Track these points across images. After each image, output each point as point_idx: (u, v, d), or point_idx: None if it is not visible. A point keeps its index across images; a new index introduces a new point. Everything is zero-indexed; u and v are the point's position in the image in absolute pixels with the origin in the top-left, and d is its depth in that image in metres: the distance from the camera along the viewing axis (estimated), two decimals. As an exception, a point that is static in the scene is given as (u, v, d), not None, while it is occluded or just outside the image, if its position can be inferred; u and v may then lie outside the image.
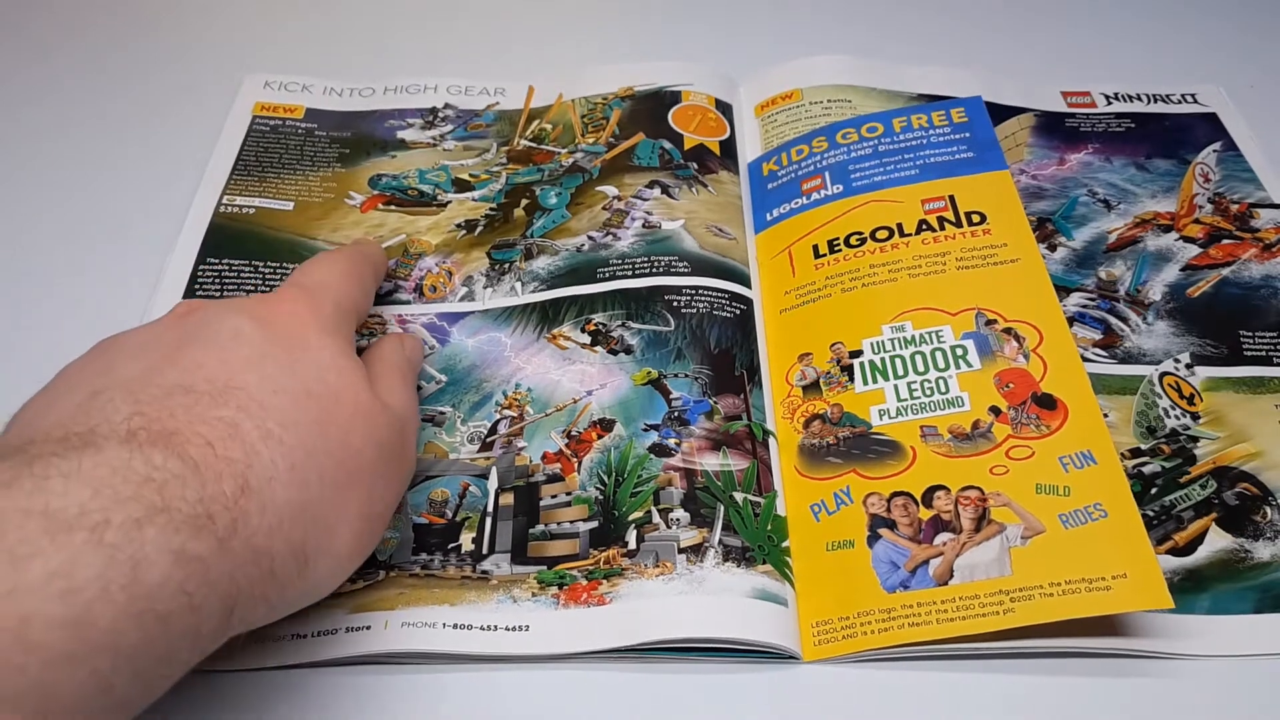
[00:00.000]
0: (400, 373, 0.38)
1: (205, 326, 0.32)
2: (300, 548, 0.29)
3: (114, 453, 0.26)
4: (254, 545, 0.27)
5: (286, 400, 0.30)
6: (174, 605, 0.25)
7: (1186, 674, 0.37)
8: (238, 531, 0.27)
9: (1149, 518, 0.41)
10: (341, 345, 0.34)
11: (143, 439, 0.27)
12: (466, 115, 0.59)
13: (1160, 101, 0.61)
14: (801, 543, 0.40)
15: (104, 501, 0.24)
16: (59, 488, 0.24)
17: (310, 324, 0.34)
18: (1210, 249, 0.52)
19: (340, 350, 0.34)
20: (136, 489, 0.25)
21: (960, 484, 0.40)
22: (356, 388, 0.33)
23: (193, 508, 0.26)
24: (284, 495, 0.29)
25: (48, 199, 0.55)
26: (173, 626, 0.25)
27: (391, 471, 0.34)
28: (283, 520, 0.28)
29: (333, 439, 0.31)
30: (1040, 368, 0.43)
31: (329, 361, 0.33)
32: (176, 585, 0.25)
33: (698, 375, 0.45)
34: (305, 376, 0.32)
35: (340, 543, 0.31)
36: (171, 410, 0.28)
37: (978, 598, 0.37)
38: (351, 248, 0.44)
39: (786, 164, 0.55)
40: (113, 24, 0.67)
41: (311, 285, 0.37)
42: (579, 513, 0.41)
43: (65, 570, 0.23)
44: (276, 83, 0.61)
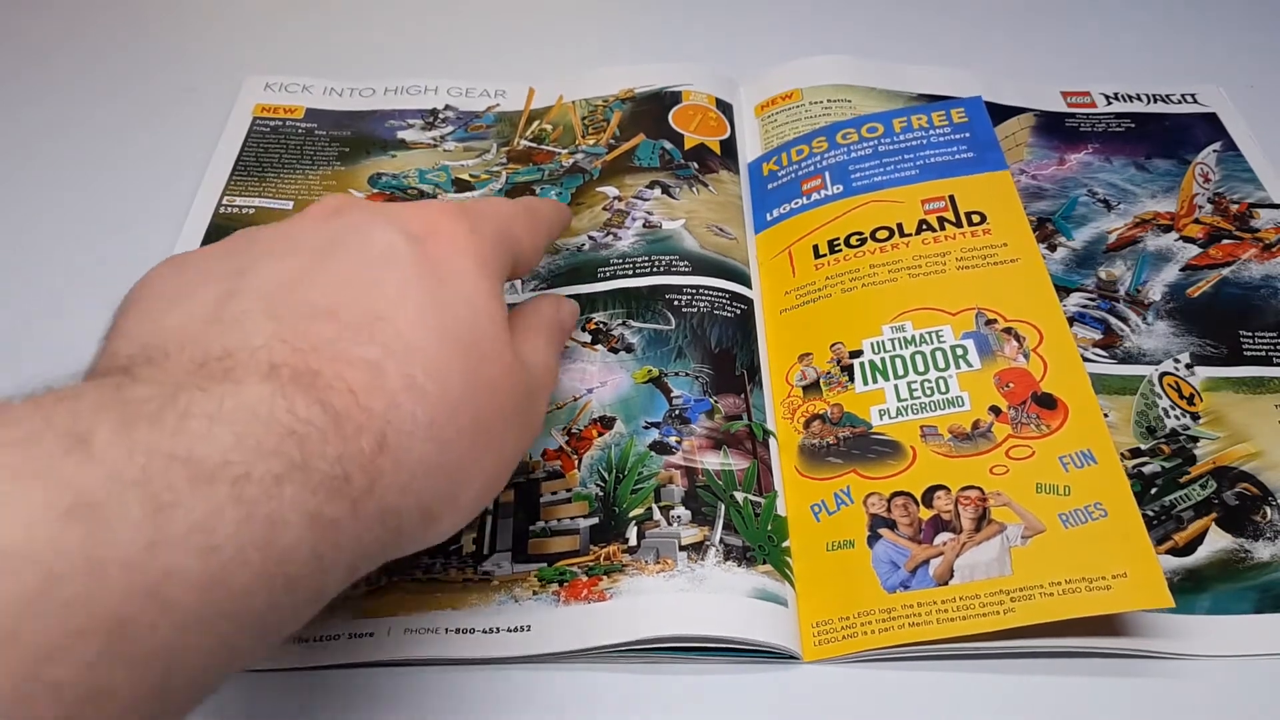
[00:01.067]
0: (549, 333, 0.36)
1: (355, 233, 0.29)
2: (429, 505, 0.27)
3: (255, 392, 0.23)
4: (385, 504, 0.25)
5: (434, 342, 0.27)
6: (305, 570, 0.23)
7: (1186, 674, 0.37)
8: (373, 492, 0.25)
9: (1149, 518, 0.41)
10: (495, 288, 0.31)
11: (285, 377, 0.24)
12: (467, 116, 0.59)
13: (1160, 101, 0.61)
14: (802, 543, 0.40)
15: (246, 453, 0.22)
16: (202, 429, 0.22)
17: (469, 254, 0.30)
18: (1210, 249, 0.52)
19: (494, 292, 0.30)
20: (279, 441, 0.23)
21: (960, 484, 0.40)
22: (502, 340, 0.30)
23: (331, 466, 0.24)
24: (420, 451, 0.26)
25: (48, 199, 0.55)
26: (299, 590, 0.23)
27: (523, 431, 0.32)
28: (415, 477, 0.26)
29: (478, 394, 0.28)
30: (1040, 367, 0.43)
31: (483, 305, 0.29)
32: (310, 549, 0.23)
33: (698, 374, 0.45)
34: (456, 316, 0.28)
35: (465, 499, 0.29)
36: (314, 342, 0.25)
37: (978, 597, 0.37)
38: (529, 199, 0.39)
39: (786, 164, 0.55)
40: (114, 26, 0.67)
41: (476, 211, 0.33)
42: (579, 509, 0.41)
43: (207, 525, 0.21)
44: (277, 84, 0.61)
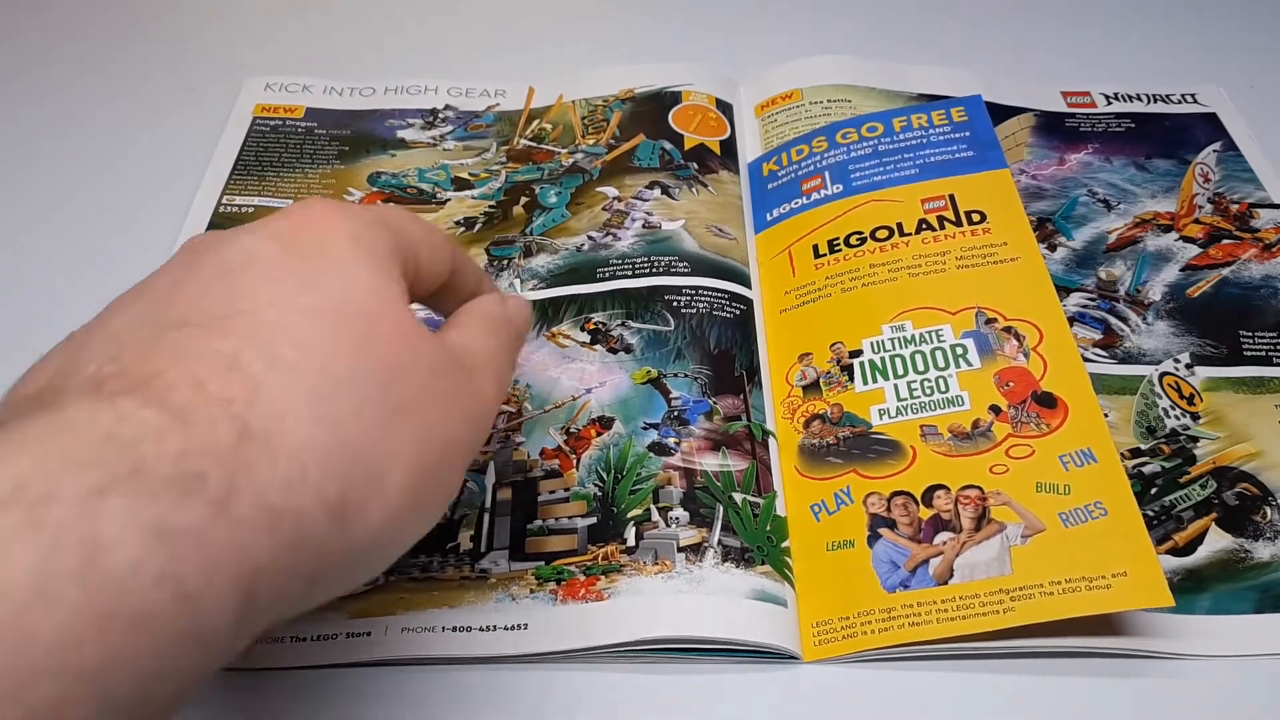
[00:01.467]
0: (485, 322, 0.32)
1: (210, 254, 0.26)
2: (338, 501, 0.23)
3: (75, 409, 0.20)
4: (267, 504, 0.21)
5: (304, 318, 0.24)
6: (156, 597, 0.19)
7: (1186, 674, 0.37)
8: (240, 490, 0.21)
9: (1149, 518, 0.41)
10: (378, 264, 0.28)
11: (112, 388, 0.21)
12: (466, 116, 0.59)
13: (1160, 101, 0.61)
14: (802, 543, 0.40)
15: (49, 469, 0.19)
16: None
17: (341, 231, 0.27)
18: (1210, 249, 0.52)
19: (377, 268, 0.27)
20: (97, 450, 0.19)
21: (960, 483, 0.40)
22: (399, 314, 0.27)
23: (174, 466, 0.20)
24: (304, 435, 0.22)
25: (49, 199, 0.55)
26: (160, 627, 0.19)
27: (452, 403, 0.27)
28: (306, 469, 0.22)
29: (376, 368, 0.25)
30: (1040, 366, 0.43)
31: (364, 277, 0.26)
32: (157, 570, 0.19)
33: (697, 375, 0.45)
34: (331, 289, 0.25)
35: (391, 485, 0.24)
36: (153, 352, 0.22)
37: (978, 597, 0.37)
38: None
39: (786, 164, 0.55)
40: (114, 26, 0.67)
41: (354, 206, 0.30)
42: (577, 509, 0.41)
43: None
44: (277, 84, 0.61)
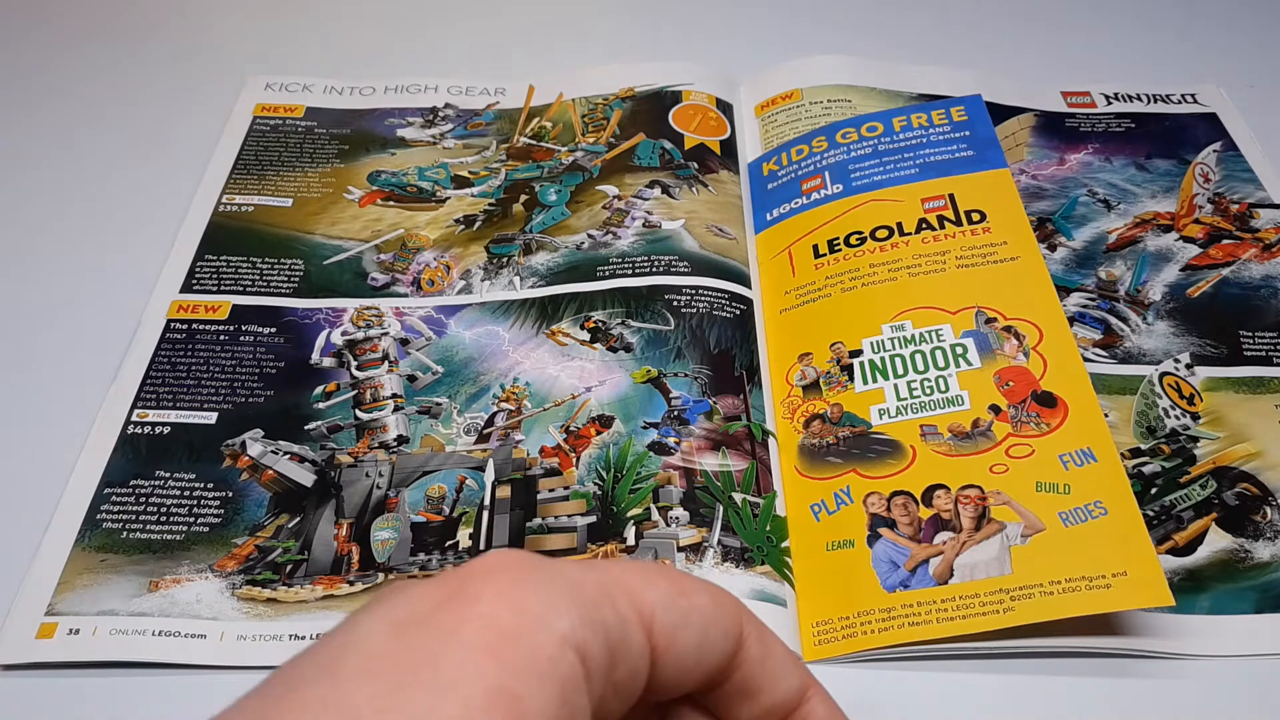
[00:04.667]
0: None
1: (339, 631, 0.21)
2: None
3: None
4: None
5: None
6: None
7: (1186, 674, 0.37)
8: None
9: (1149, 518, 0.41)
10: (523, 692, 0.19)
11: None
12: (466, 115, 0.59)
13: (1160, 101, 0.61)
14: (801, 542, 0.40)
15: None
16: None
17: (483, 638, 0.19)
18: (1210, 249, 0.52)
19: (510, 702, 0.19)
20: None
21: (960, 483, 0.40)
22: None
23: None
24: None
25: (50, 198, 0.55)
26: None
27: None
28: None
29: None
30: (1040, 365, 0.43)
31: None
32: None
33: (697, 375, 0.45)
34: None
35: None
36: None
37: (978, 596, 0.37)
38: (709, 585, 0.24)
39: (786, 164, 0.55)
40: (116, 27, 0.66)
41: (562, 572, 0.21)
42: (577, 507, 0.41)
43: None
44: (277, 84, 0.61)
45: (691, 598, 0.22)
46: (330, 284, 0.50)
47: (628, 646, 0.21)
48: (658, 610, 0.22)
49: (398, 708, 0.18)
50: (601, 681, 0.20)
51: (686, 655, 0.22)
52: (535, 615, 0.20)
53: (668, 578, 0.22)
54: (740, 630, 0.23)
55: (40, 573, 0.38)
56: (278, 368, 0.46)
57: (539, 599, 0.20)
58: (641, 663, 0.21)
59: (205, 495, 0.41)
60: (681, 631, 0.22)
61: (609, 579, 0.21)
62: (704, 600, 0.23)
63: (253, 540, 0.40)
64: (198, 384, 0.45)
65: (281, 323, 0.48)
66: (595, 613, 0.20)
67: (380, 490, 0.41)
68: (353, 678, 0.19)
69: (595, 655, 0.20)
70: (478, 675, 0.19)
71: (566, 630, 0.20)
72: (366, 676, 0.19)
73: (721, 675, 0.23)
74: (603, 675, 0.20)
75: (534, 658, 0.19)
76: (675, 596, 0.22)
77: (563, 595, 0.20)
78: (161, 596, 0.38)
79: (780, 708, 0.24)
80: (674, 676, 0.22)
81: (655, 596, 0.22)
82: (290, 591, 0.38)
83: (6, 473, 0.42)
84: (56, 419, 0.44)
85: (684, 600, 0.22)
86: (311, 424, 0.44)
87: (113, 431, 0.43)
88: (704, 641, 0.22)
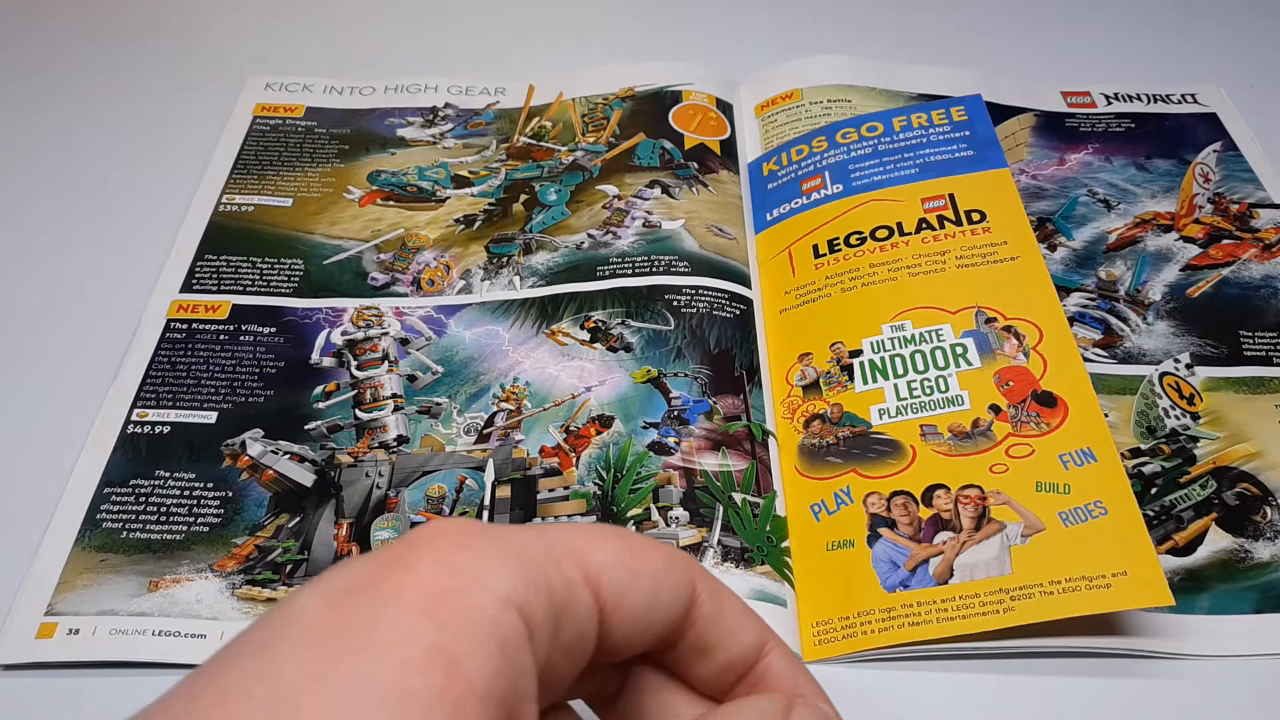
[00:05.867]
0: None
1: (278, 607, 0.20)
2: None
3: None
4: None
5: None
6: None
7: (1186, 674, 0.37)
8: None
9: (1149, 518, 0.41)
10: (459, 658, 0.18)
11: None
12: (466, 114, 0.59)
13: (1160, 101, 0.61)
14: (801, 543, 0.40)
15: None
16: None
17: (420, 601, 0.19)
18: (1210, 249, 0.52)
19: (448, 662, 0.18)
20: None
21: (960, 483, 0.40)
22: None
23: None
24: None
25: (51, 197, 0.55)
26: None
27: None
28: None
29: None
30: (1040, 365, 0.43)
31: (395, 685, 0.18)
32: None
33: (697, 375, 0.45)
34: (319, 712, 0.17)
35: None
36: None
37: (978, 596, 0.37)
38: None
39: (786, 164, 0.55)
40: (116, 27, 0.67)
41: (504, 535, 0.21)
42: (577, 507, 0.41)
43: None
44: (278, 84, 0.61)
45: (640, 557, 0.22)
46: (330, 284, 0.50)
47: (573, 608, 0.21)
48: (605, 571, 0.21)
49: (333, 674, 0.18)
50: (547, 642, 0.20)
51: (637, 615, 0.22)
52: (474, 577, 0.19)
53: (617, 538, 0.22)
54: (692, 588, 0.23)
55: (40, 573, 0.38)
56: (278, 367, 0.46)
57: (478, 561, 0.20)
58: (589, 624, 0.21)
59: (205, 495, 0.41)
60: (630, 592, 0.22)
61: (555, 541, 0.21)
62: (654, 560, 0.22)
63: (253, 540, 0.40)
64: (198, 384, 0.45)
65: (281, 322, 0.48)
66: (538, 574, 0.20)
67: (380, 490, 0.41)
68: (288, 649, 0.18)
69: (539, 616, 0.20)
70: (414, 637, 0.18)
71: (507, 591, 0.19)
72: (301, 646, 0.18)
73: (675, 634, 0.23)
74: (548, 636, 0.20)
75: (473, 618, 0.19)
76: (624, 556, 0.22)
77: (504, 558, 0.20)
78: (161, 596, 0.38)
79: (738, 663, 0.24)
80: (625, 636, 0.22)
81: (603, 557, 0.21)
82: (290, 591, 0.38)
83: (6, 473, 0.42)
84: (56, 419, 0.44)
85: (633, 560, 0.22)
86: (311, 424, 0.44)
87: (113, 431, 0.43)
88: (654, 601, 0.22)
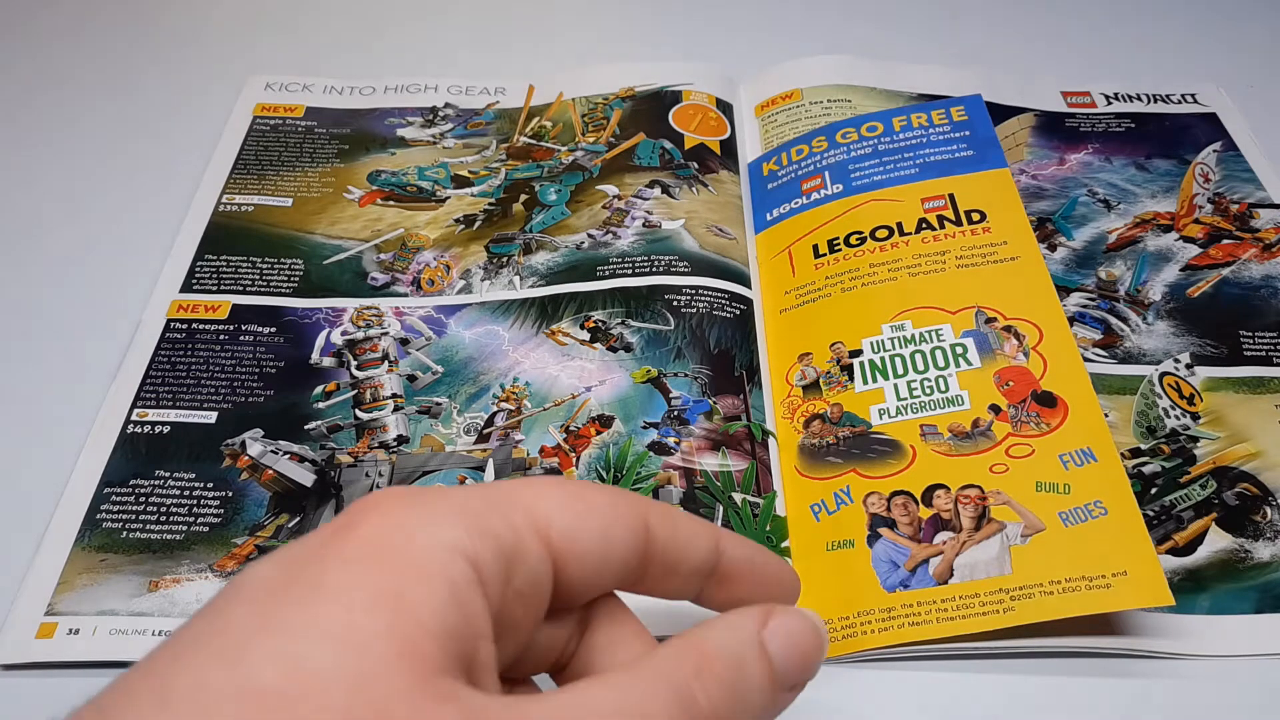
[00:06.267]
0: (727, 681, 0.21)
1: (230, 580, 0.21)
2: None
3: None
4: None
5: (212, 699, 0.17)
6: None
7: (1186, 674, 0.37)
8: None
9: (1149, 518, 0.41)
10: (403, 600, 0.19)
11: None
12: (466, 114, 0.59)
13: (1160, 101, 0.61)
14: (801, 543, 0.40)
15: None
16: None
17: (365, 551, 0.19)
18: (1210, 249, 0.52)
19: (394, 600, 0.19)
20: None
21: (960, 483, 0.40)
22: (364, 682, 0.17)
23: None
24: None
25: (51, 197, 0.55)
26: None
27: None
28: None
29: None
30: (1040, 365, 0.43)
31: (340, 623, 0.18)
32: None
33: (697, 375, 0.45)
34: (283, 661, 0.18)
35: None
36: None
37: (978, 596, 0.37)
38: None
39: (786, 164, 0.55)
40: (116, 26, 0.67)
41: (448, 495, 0.21)
42: (577, 510, 0.41)
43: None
44: (278, 83, 0.61)
45: (586, 499, 0.22)
46: (330, 284, 0.50)
47: (523, 554, 0.21)
48: (553, 515, 0.22)
49: (279, 622, 0.18)
50: (500, 588, 0.20)
51: (591, 554, 0.22)
52: (418, 528, 0.20)
53: (559, 485, 0.22)
54: (644, 520, 0.23)
55: (40, 573, 0.38)
56: (278, 367, 0.46)
57: (421, 514, 0.20)
58: (542, 567, 0.21)
59: (205, 495, 0.41)
60: (581, 533, 0.22)
61: (498, 495, 0.22)
62: (600, 499, 0.23)
63: (253, 540, 0.40)
64: (198, 383, 0.45)
65: (281, 322, 0.48)
66: (483, 523, 0.20)
67: (380, 490, 0.41)
68: (239, 605, 0.19)
69: (487, 562, 0.20)
70: (360, 582, 0.19)
71: (452, 540, 0.20)
72: (251, 603, 0.19)
73: (639, 569, 0.23)
74: (500, 583, 0.20)
75: (419, 562, 0.19)
76: (569, 500, 0.22)
77: (447, 512, 0.20)
78: (161, 596, 0.38)
79: (702, 567, 0.24)
80: (583, 578, 0.22)
81: (548, 504, 0.22)
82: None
83: (6, 472, 0.42)
84: (56, 418, 0.44)
85: (578, 503, 0.22)
86: (311, 424, 0.44)
87: (112, 431, 0.43)
88: (606, 539, 0.22)
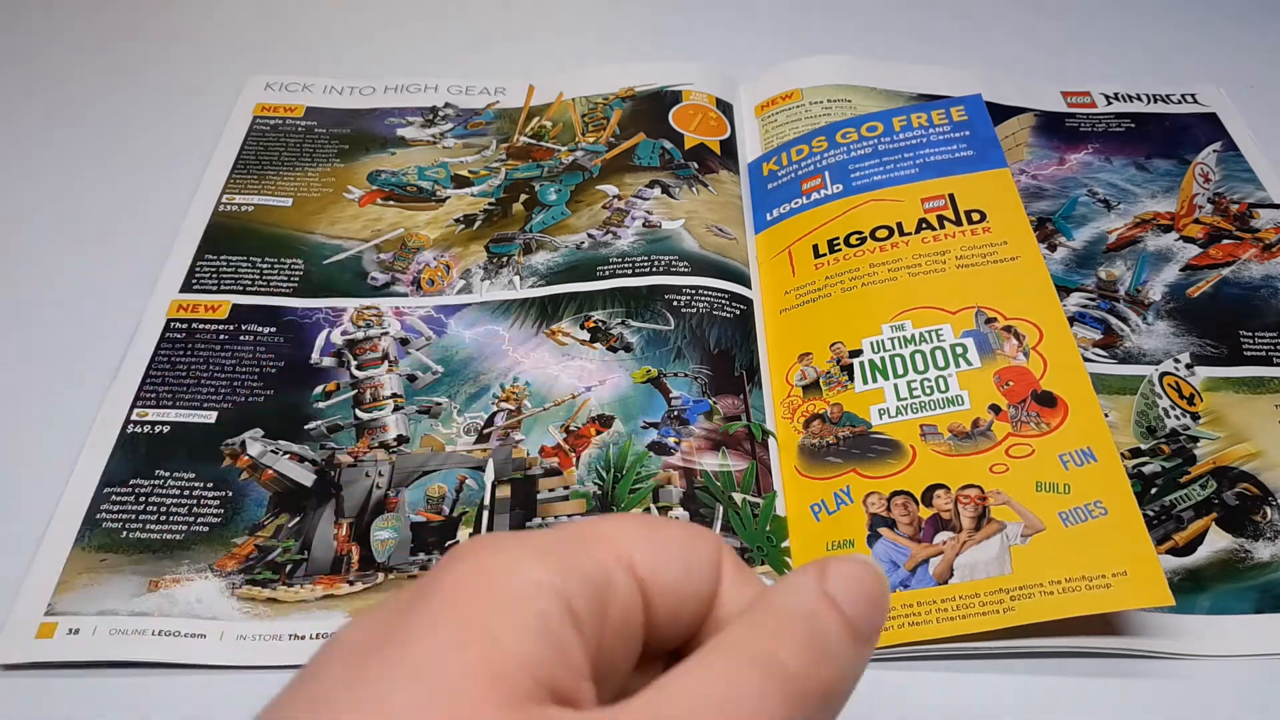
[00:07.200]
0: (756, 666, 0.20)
1: (319, 646, 0.20)
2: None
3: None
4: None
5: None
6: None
7: (1186, 674, 0.37)
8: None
9: (1149, 518, 0.41)
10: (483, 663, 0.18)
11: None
12: (466, 114, 0.59)
13: (1160, 101, 0.61)
14: (802, 542, 0.40)
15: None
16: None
17: (451, 594, 0.19)
18: (1210, 249, 0.52)
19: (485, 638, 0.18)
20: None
21: (960, 483, 0.40)
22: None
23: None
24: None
25: (51, 197, 0.55)
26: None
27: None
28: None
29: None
30: (1040, 365, 0.43)
31: (428, 663, 0.18)
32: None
33: (697, 375, 0.45)
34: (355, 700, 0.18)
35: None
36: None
37: (978, 596, 0.37)
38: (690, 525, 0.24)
39: (786, 164, 0.55)
40: (116, 27, 0.66)
41: (529, 539, 0.21)
42: (577, 507, 0.41)
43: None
44: (278, 83, 0.61)
45: (664, 530, 0.22)
46: (330, 284, 0.50)
47: (614, 587, 0.21)
48: (635, 549, 0.21)
49: (369, 675, 0.18)
50: (596, 625, 0.20)
51: (676, 585, 0.22)
52: (504, 569, 0.20)
53: (637, 520, 0.22)
54: (719, 553, 0.23)
55: (40, 572, 0.38)
56: (278, 367, 0.46)
57: (507, 558, 0.20)
58: (634, 600, 0.21)
59: (205, 495, 0.41)
60: (663, 565, 0.22)
61: (580, 533, 0.22)
62: (678, 531, 0.23)
63: (253, 540, 0.40)
64: (197, 383, 0.45)
65: (281, 322, 0.48)
66: (569, 560, 0.20)
67: (380, 490, 0.41)
68: (327, 668, 0.19)
69: (579, 598, 0.20)
70: (447, 622, 0.18)
71: (540, 577, 0.19)
72: (339, 663, 0.19)
73: (709, 607, 0.23)
74: (596, 619, 0.20)
75: (507, 599, 0.19)
76: (649, 532, 0.22)
77: (532, 552, 0.20)
78: (161, 596, 0.38)
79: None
80: (670, 613, 0.22)
81: (629, 538, 0.22)
82: (290, 591, 0.38)
83: (6, 472, 0.42)
84: (56, 418, 0.44)
85: (658, 535, 0.22)
86: (311, 424, 0.44)
87: (113, 431, 0.43)
88: (687, 569, 0.22)
